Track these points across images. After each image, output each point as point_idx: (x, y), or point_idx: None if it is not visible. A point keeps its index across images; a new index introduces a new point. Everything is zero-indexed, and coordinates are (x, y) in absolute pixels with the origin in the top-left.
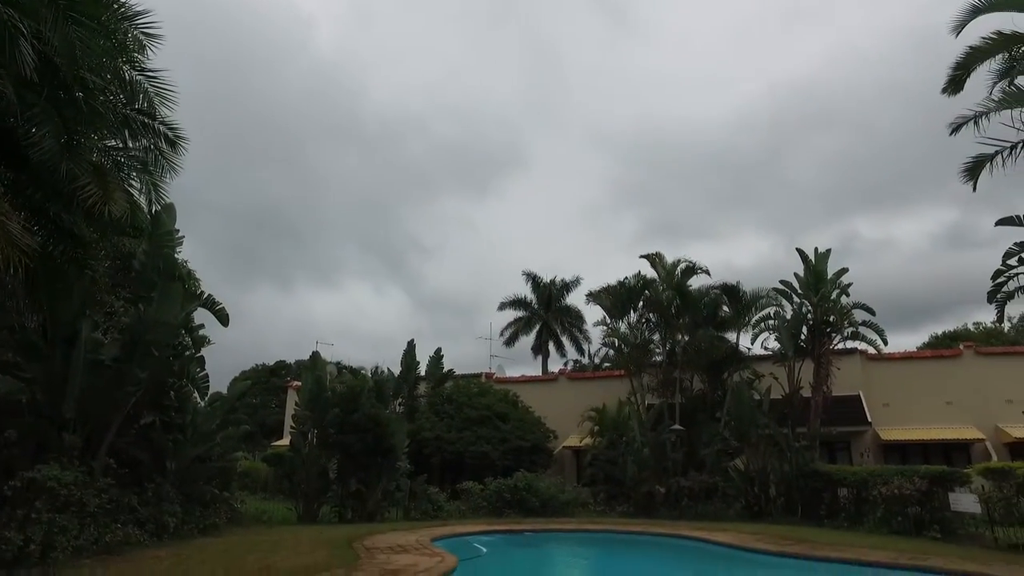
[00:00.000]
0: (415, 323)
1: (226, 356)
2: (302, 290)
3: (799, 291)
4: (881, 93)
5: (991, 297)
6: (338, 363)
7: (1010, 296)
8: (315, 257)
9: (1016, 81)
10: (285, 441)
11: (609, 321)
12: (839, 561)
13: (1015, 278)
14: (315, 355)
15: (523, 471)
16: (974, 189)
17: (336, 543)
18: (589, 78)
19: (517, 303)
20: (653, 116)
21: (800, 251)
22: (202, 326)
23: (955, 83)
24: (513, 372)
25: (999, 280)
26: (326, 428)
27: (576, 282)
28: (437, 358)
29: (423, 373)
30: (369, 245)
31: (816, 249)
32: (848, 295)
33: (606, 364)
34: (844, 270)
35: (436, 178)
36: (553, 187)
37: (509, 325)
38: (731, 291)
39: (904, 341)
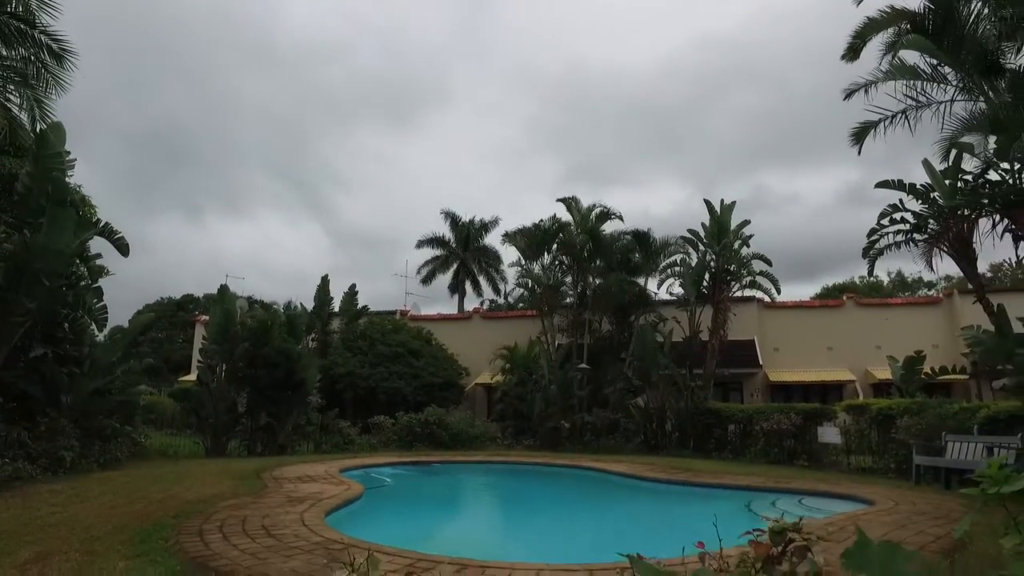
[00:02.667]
0: (331, 258)
1: (130, 289)
2: (212, 221)
3: (704, 240)
4: (800, 51)
5: (865, 253)
6: (249, 298)
7: (880, 253)
8: (226, 186)
9: (901, 55)
10: (193, 376)
11: (524, 262)
12: (716, 486)
13: (886, 236)
14: (223, 288)
15: (434, 406)
16: (859, 153)
17: (243, 474)
18: (518, 14)
19: (435, 241)
20: (580, 59)
21: (707, 202)
22: (99, 256)
23: (853, 51)
24: (429, 310)
25: (873, 238)
26: (235, 362)
27: (495, 222)
28: (351, 294)
29: (337, 309)
30: (284, 175)
31: (722, 201)
32: (749, 246)
33: (521, 304)
34: (746, 222)
35: (356, 108)
36: (476, 125)
37: (426, 263)
38: (642, 238)
39: (802, 291)
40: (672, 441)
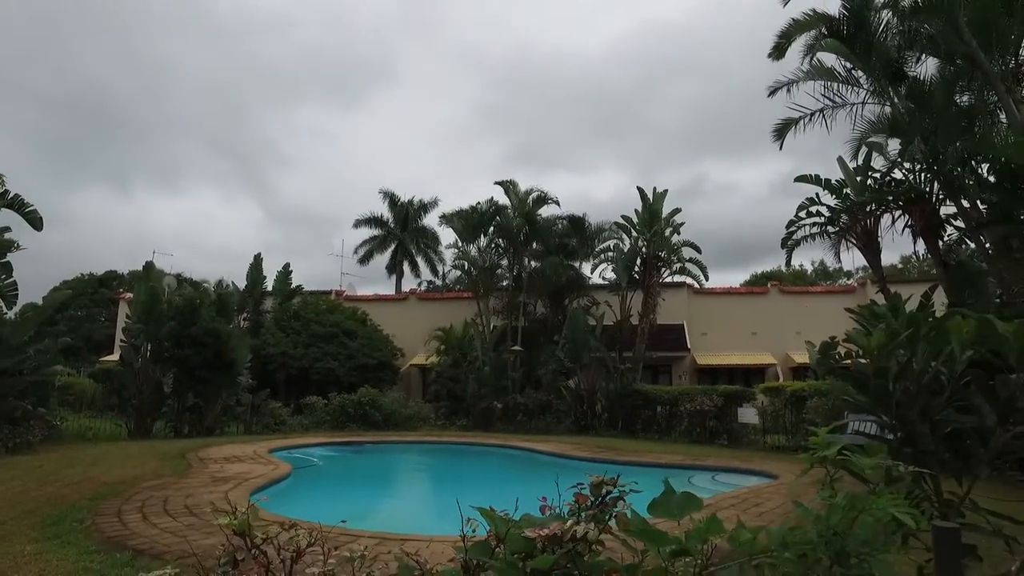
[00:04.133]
0: (267, 236)
1: (51, 265)
2: (142, 194)
3: (637, 227)
4: (741, 43)
5: (783, 243)
6: (179, 275)
7: (797, 244)
8: (157, 157)
9: (821, 57)
10: (116, 356)
11: (461, 244)
12: (637, 464)
13: (803, 228)
14: (149, 265)
15: (368, 387)
16: (780, 148)
17: (168, 455)
18: None
19: (373, 221)
20: (527, 41)
21: (640, 189)
22: (8, 229)
23: (779, 50)
24: (366, 291)
25: (791, 229)
26: (161, 342)
27: (434, 203)
28: (285, 273)
29: (270, 288)
30: (221, 149)
31: (655, 189)
32: (680, 233)
33: (459, 286)
34: (677, 210)
35: (299, 83)
36: (421, 105)
37: (364, 243)
38: (577, 223)
39: (736, 277)
40: (602, 422)
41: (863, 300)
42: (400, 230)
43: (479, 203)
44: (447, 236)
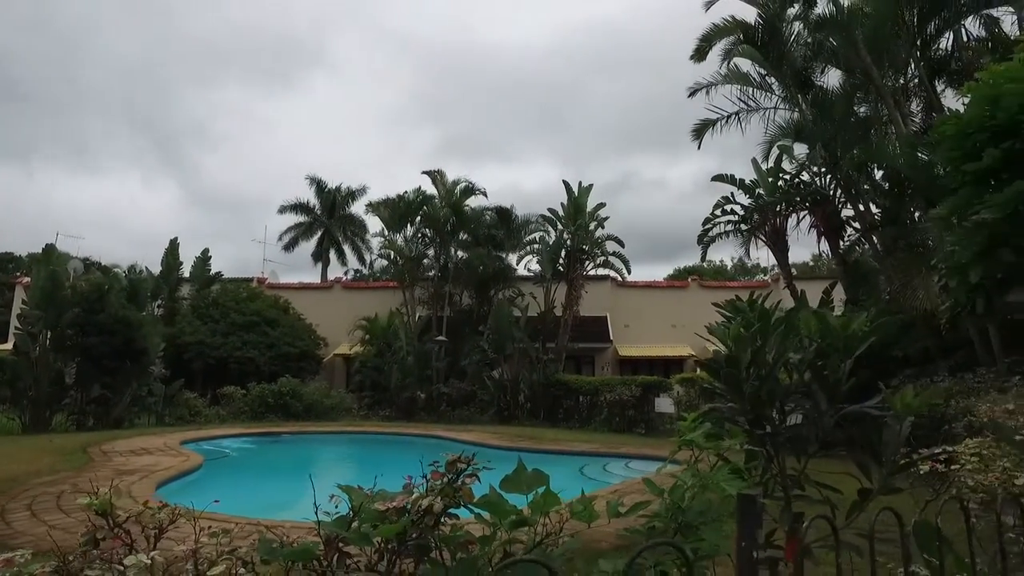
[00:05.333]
0: (190, 221)
1: None
2: (48, 172)
3: (562, 220)
4: (672, 43)
5: (700, 239)
6: (86, 259)
7: (712, 240)
8: (66, 132)
9: (738, 62)
10: (9, 345)
11: (387, 233)
12: (556, 452)
13: (719, 225)
14: (50, 247)
15: (289, 377)
16: (699, 147)
17: (67, 449)
18: None
19: (299, 207)
20: (461, 30)
21: (565, 183)
22: None
23: (700, 52)
24: (291, 278)
25: (707, 226)
26: (63, 330)
27: (363, 191)
28: (204, 259)
29: (188, 275)
30: (139, 126)
31: (580, 183)
32: (604, 227)
33: (385, 276)
34: (602, 204)
35: (225, 61)
36: (352, 90)
37: (289, 230)
38: (504, 214)
39: (660, 271)
40: (524, 412)
41: (777, 295)
42: (327, 217)
43: (406, 192)
44: (375, 225)
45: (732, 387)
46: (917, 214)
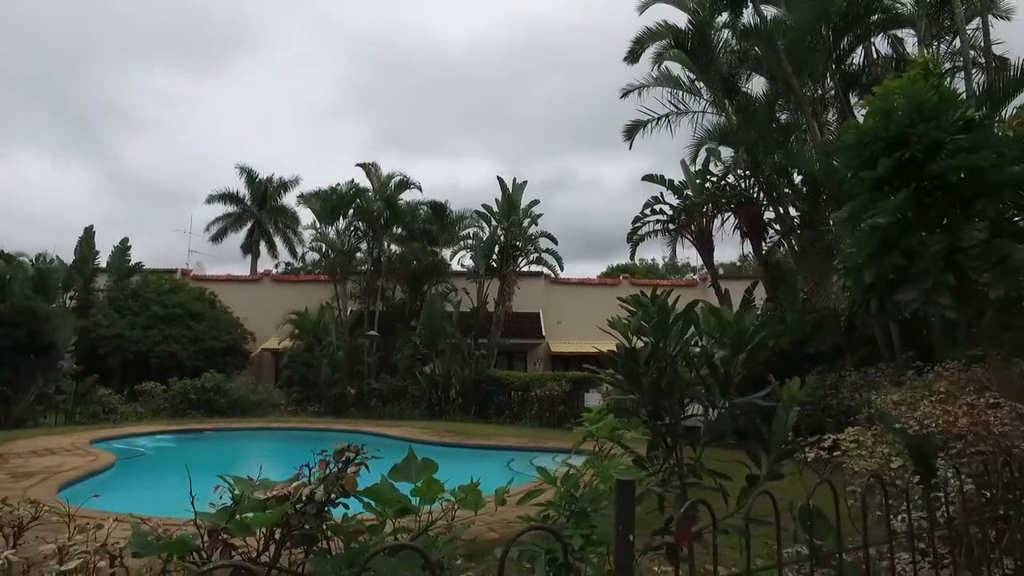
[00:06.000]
0: (108, 208)
1: None
2: None
3: (497, 216)
4: (609, 44)
5: (629, 238)
6: None
7: (641, 239)
8: None
9: (669, 66)
10: None
11: (319, 226)
12: (485, 447)
13: (648, 224)
14: None
15: (213, 372)
16: (630, 148)
17: None
18: None
19: (228, 197)
20: (399, 22)
21: (500, 179)
22: None
23: (634, 54)
24: (219, 271)
25: (636, 225)
26: None
27: (295, 181)
28: (123, 249)
29: (105, 265)
30: (52, 107)
31: (515, 179)
32: (537, 224)
33: (317, 269)
34: (535, 201)
35: (148, 40)
36: (286, 78)
37: (218, 220)
38: (439, 209)
39: (594, 269)
40: (456, 407)
41: (704, 294)
42: (257, 208)
43: (339, 184)
44: (308, 217)
45: (631, 380)
46: (831, 218)
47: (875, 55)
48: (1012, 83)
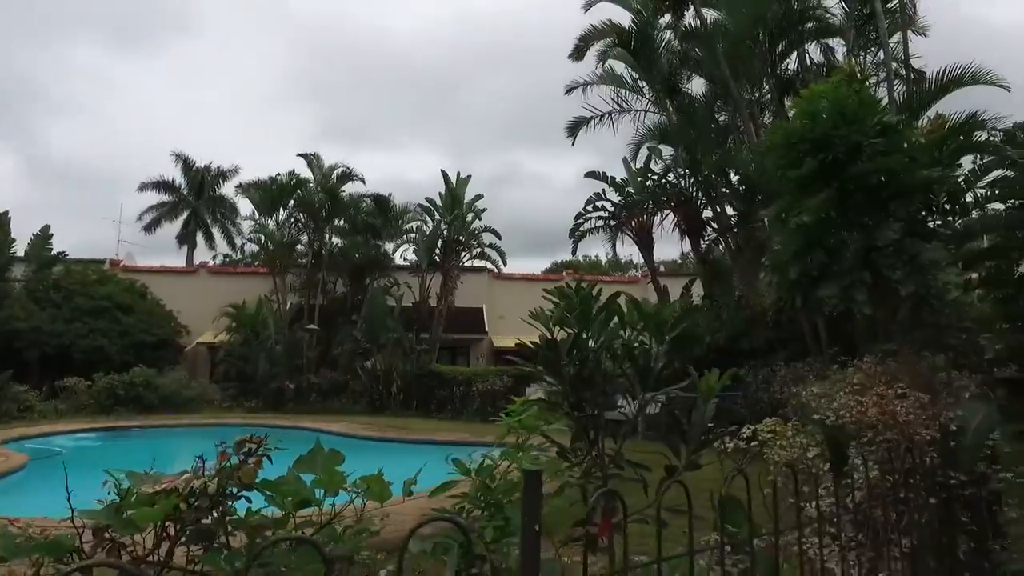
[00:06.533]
0: (28, 194)
1: None
2: None
3: (440, 210)
4: (561, 38)
5: (571, 234)
6: None
7: (583, 235)
8: None
9: (613, 64)
10: None
11: (258, 217)
12: (425, 442)
13: (590, 221)
14: None
15: (143, 367)
16: (572, 144)
17: None
18: None
19: (163, 186)
20: (346, 11)
21: (443, 173)
22: None
23: (579, 52)
24: (152, 262)
25: (579, 221)
26: None
27: (235, 171)
28: (44, 238)
29: (23, 254)
30: None
31: (458, 173)
32: (481, 219)
33: (257, 262)
34: (479, 196)
35: (71, 15)
36: (226, 63)
37: (151, 209)
38: (382, 202)
39: (540, 264)
40: (397, 402)
41: (645, 290)
42: (195, 198)
43: (279, 175)
44: (247, 207)
45: (552, 371)
46: (766, 218)
47: (808, 62)
48: (928, 95)
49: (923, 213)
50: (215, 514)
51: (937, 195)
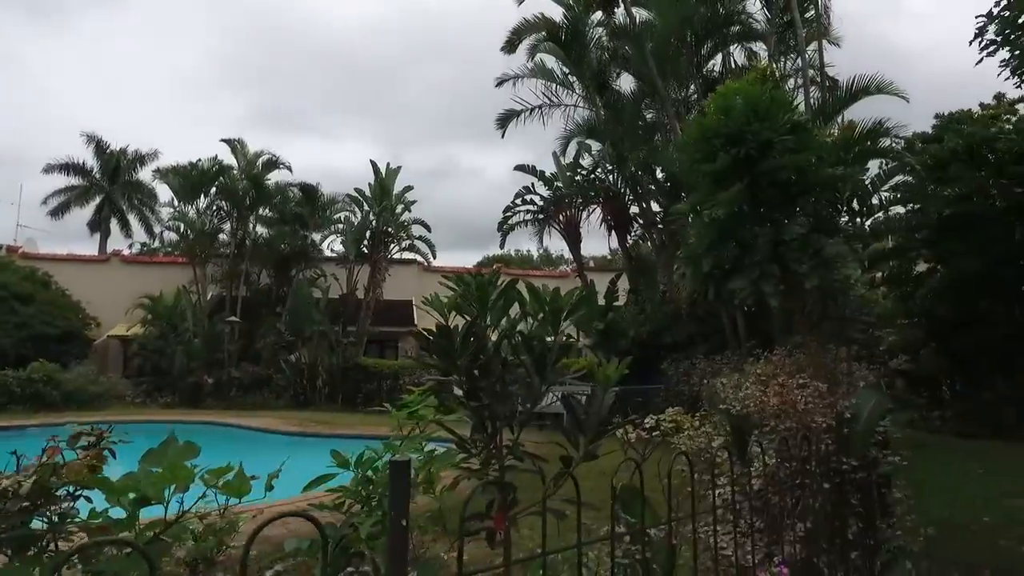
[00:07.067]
0: None
1: None
2: None
3: (369, 201)
4: (495, 31)
5: (500, 227)
6: None
7: (512, 228)
8: None
9: (545, 59)
10: None
11: (178, 204)
12: (346, 437)
13: (518, 214)
14: None
15: (43, 361)
16: (503, 136)
17: None
18: None
19: (72, 168)
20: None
21: (372, 163)
22: None
23: (511, 45)
24: (59, 249)
25: (507, 214)
26: None
27: (154, 155)
28: None
29: None
30: None
31: (388, 164)
32: (411, 211)
33: (176, 251)
34: (409, 187)
35: None
36: (148, 40)
37: (58, 193)
38: (309, 191)
39: (471, 257)
40: (322, 396)
41: (574, 285)
42: (108, 182)
43: (200, 160)
44: (167, 194)
45: (446, 359)
46: (671, 210)
47: (733, 64)
48: (840, 101)
49: (830, 210)
50: (50, 516)
51: (842, 192)
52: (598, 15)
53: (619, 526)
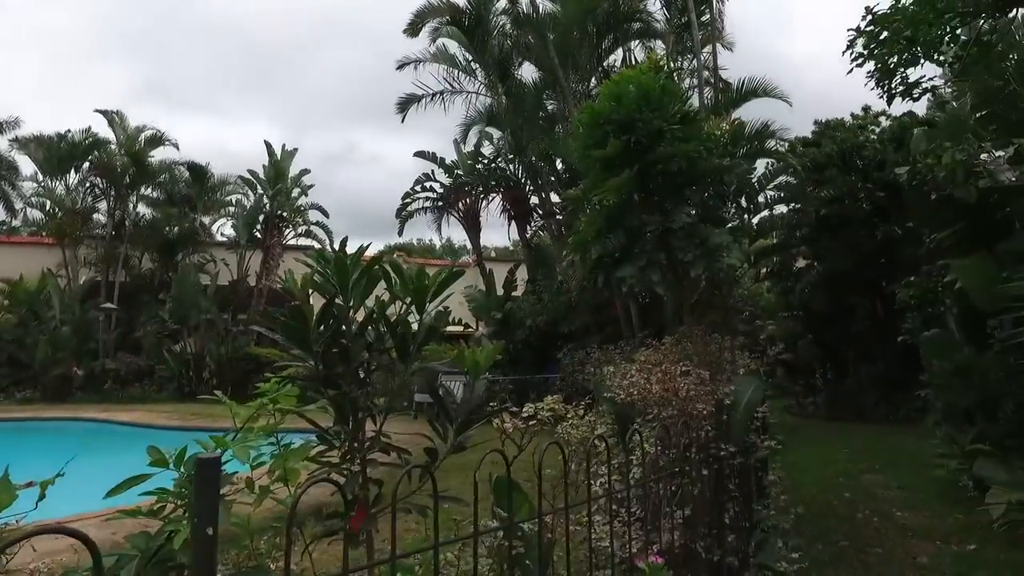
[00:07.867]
0: None
1: None
2: None
3: (263, 183)
4: (400, 14)
5: (398, 214)
6: None
7: (410, 216)
8: None
9: (448, 44)
10: None
11: (43, 178)
12: (233, 430)
13: (417, 201)
14: None
15: None
16: (403, 121)
17: None
18: None
19: None
20: None
21: (267, 144)
22: None
23: (413, 28)
24: None
25: (406, 201)
26: None
27: (15, 123)
28: None
29: None
30: None
31: (283, 146)
32: (307, 195)
33: (43, 231)
34: (306, 171)
35: None
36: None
37: None
38: (198, 171)
39: (377, 246)
40: (209, 388)
41: (475, 275)
42: None
43: (70, 132)
44: (31, 167)
45: (299, 343)
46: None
47: (633, 61)
48: (731, 101)
49: (718, 202)
50: None
51: (728, 184)
52: (502, 2)
53: (493, 520)
